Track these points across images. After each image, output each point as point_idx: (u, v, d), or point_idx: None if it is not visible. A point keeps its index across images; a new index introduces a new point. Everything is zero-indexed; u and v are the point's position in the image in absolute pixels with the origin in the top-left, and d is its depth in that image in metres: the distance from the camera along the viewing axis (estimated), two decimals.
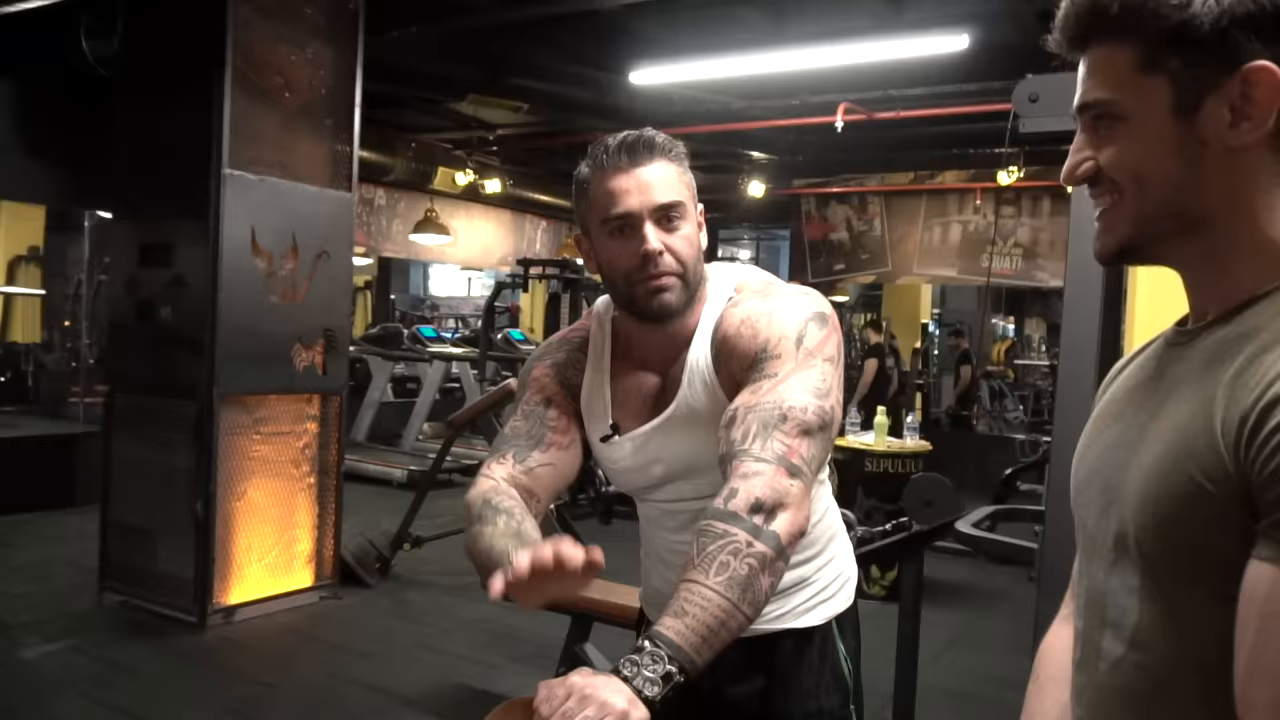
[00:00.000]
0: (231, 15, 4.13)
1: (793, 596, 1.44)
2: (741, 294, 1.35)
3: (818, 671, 1.45)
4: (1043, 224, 8.79)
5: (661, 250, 1.28)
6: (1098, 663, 0.85)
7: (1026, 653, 2.67)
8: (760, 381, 1.22)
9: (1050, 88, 2.70)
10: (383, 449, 8.87)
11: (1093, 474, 0.89)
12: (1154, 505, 0.76)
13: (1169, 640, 0.78)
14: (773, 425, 1.17)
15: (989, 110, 5.58)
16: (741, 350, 1.27)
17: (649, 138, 1.30)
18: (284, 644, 4.18)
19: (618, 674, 1.01)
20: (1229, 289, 0.80)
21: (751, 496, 1.12)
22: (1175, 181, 0.79)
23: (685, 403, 1.34)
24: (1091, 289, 2.47)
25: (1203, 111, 0.77)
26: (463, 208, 10.10)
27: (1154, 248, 0.84)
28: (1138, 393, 0.87)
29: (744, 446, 1.17)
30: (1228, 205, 0.79)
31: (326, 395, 4.70)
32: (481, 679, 3.82)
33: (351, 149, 4.69)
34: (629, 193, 1.28)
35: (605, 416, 1.41)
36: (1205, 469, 0.72)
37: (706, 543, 1.10)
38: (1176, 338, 0.86)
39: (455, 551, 5.55)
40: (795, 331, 1.26)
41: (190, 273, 4.29)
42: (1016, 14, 4.76)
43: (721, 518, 1.11)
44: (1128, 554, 0.80)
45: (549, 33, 5.71)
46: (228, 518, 4.28)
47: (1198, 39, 0.76)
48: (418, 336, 9.47)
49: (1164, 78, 0.78)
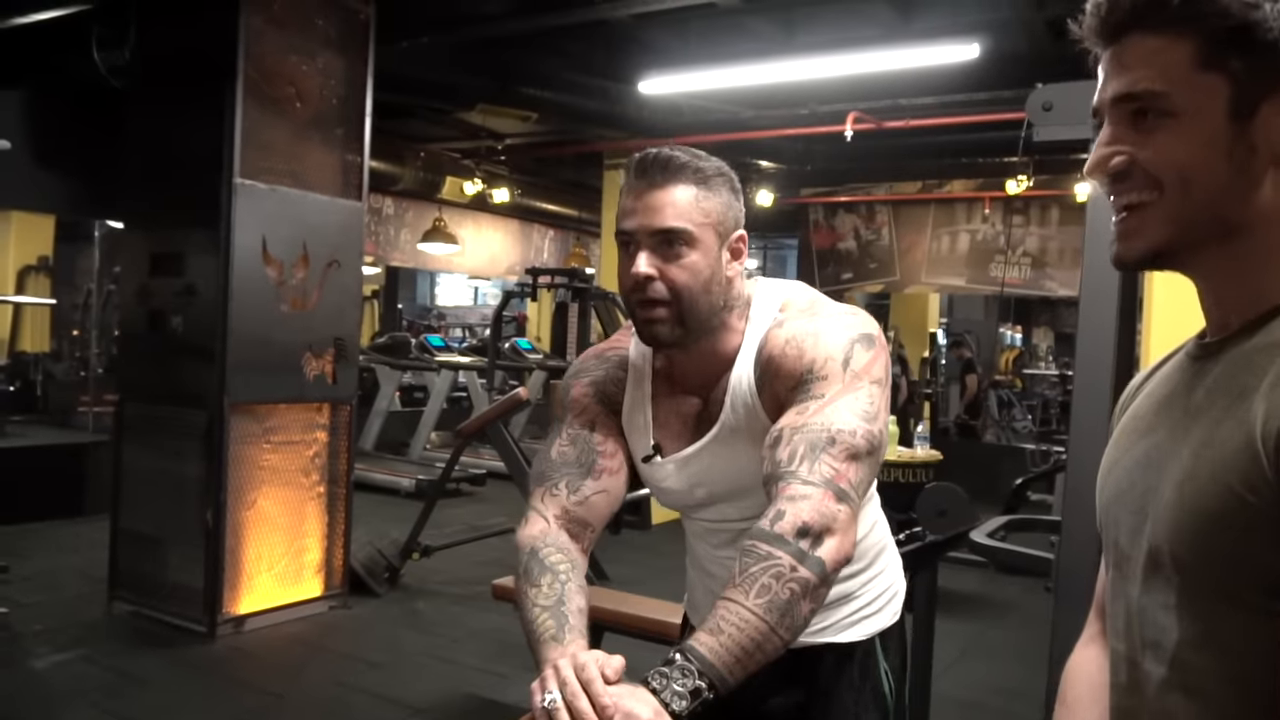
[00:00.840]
0: (243, 26, 4.15)
1: (836, 610, 1.41)
2: (786, 312, 1.32)
3: (858, 689, 1.42)
4: (1051, 233, 8.77)
5: (651, 276, 1.24)
6: (1145, 685, 0.83)
7: (1039, 664, 2.66)
8: (807, 403, 1.20)
9: (1064, 96, 2.69)
10: (390, 458, 8.87)
11: (1122, 492, 0.87)
12: (1191, 519, 0.75)
13: (1209, 658, 0.76)
14: (821, 448, 1.15)
15: (998, 119, 5.57)
16: (786, 370, 1.24)
17: (666, 158, 1.26)
18: (293, 654, 4.17)
19: (646, 685, 1.01)
20: (1252, 299, 0.79)
21: (799, 520, 1.10)
22: (1222, 185, 0.77)
23: (728, 426, 1.31)
24: (1108, 298, 2.46)
25: (1258, 117, 0.75)
26: (470, 217, 10.12)
27: (1188, 253, 0.81)
28: (1164, 407, 0.86)
29: (791, 468, 1.14)
30: (1269, 214, 0.77)
31: (336, 404, 4.70)
32: (491, 689, 3.81)
33: (362, 158, 4.70)
34: (634, 212, 1.26)
35: (647, 436, 1.38)
36: (1245, 479, 0.71)
37: (750, 563, 1.09)
38: (1199, 350, 0.85)
39: (464, 561, 5.54)
40: (842, 353, 1.23)
41: (201, 282, 4.29)
42: (1026, 23, 4.76)
43: (766, 539, 1.10)
44: (1162, 571, 0.79)
45: (558, 42, 5.73)
46: (237, 527, 4.28)
47: (1264, 42, 0.74)
48: (425, 346, 9.48)
49: (1224, 77, 0.75)
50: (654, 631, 3.16)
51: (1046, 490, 7.67)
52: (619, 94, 6.07)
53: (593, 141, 7.43)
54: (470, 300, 20.54)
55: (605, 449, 1.37)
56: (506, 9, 5.06)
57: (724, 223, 1.28)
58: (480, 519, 6.76)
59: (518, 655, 4.15)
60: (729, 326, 1.32)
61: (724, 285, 1.29)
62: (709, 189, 1.27)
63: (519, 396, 5.46)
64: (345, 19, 4.60)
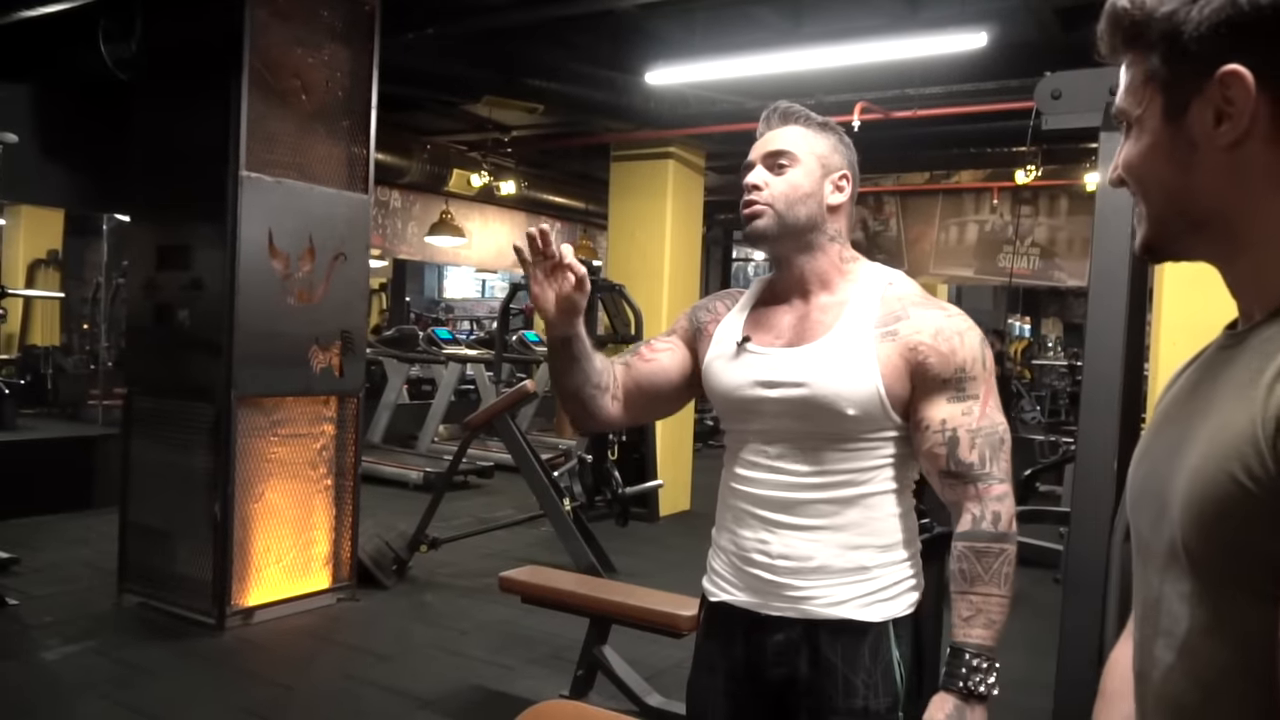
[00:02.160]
0: (248, 18, 4.14)
1: (852, 587, 1.46)
2: (897, 286, 1.51)
3: (869, 670, 1.45)
4: (1060, 223, 8.73)
5: (760, 185, 1.51)
6: (1153, 672, 0.84)
7: (1048, 655, 2.65)
8: (967, 402, 1.44)
9: (1073, 85, 2.68)
10: (398, 451, 8.89)
11: (1146, 480, 0.89)
12: (1199, 506, 0.75)
13: (1218, 646, 0.77)
14: (996, 448, 1.44)
15: (1006, 109, 5.53)
16: (938, 361, 1.44)
17: (786, 108, 1.55)
18: (302, 646, 4.18)
19: (958, 691, 1.38)
20: (1269, 289, 0.80)
21: (1009, 516, 1.43)
22: (1170, 184, 0.83)
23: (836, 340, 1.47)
24: (1118, 289, 2.45)
25: (1189, 115, 0.80)
26: (477, 209, 10.11)
27: (1172, 246, 0.87)
28: (1189, 398, 0.87)
29: (986, 470, 1.43)
30: (1227, 205, 0.80)
31: (344, 397, 4.71)
32: (498, 681, 3.82)
33: (368, 151, 4.70)
34: (755, 150, 1.55)
35: (738, 332, 1.56)
36: (1247, 467, 0.71)
37: (990, 562, 1.41)
38: (1227, 341, 0.86)
39: (472, 554, 5.56)
40: (982, 354, 1.46)
41: (208, 275, 4.30)
42: (1035, 11, 4.72)
43: (996, 539, 1.42)
44: (1178, 560, 0.79)
45: (564, 34, 5.71)
46: (246, 519, 4.29)
47: (1182, 46, 0.79)
48: (433, 338, 9.49)
49: (1157, 84, 0.82)
50: (662, 624, 3.16)
51: (1055, 482, 7.65)
52: (625, 85, 6.04)
53: (599, 133, 7.41)
54: (478, 293, 20.56)
55: (655, 346, 1.65)
56: (511, 0, 5.04)
57: (828, 157, 1.53)
58: (488, 511, 6.78)
59: (525, 647, 4.16)
60: (831, 255, 1.53)
61: (823, 208, 1.52)
62: (816, 131, 1.54)
63: (526, 389, 5.46)
64: (350, 11, 4.59)
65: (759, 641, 1.50)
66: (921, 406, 1.44)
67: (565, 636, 3.94)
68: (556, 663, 3.88)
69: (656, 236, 7.31)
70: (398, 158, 7.92)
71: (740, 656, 1.53)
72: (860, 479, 1.46)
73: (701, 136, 7.13)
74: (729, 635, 1.55)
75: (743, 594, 1.53)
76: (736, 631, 1.53)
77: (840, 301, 1.51)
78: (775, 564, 1.48)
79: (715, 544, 1.61)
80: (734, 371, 1.53)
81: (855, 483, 1.46)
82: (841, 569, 1.45)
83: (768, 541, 1.49)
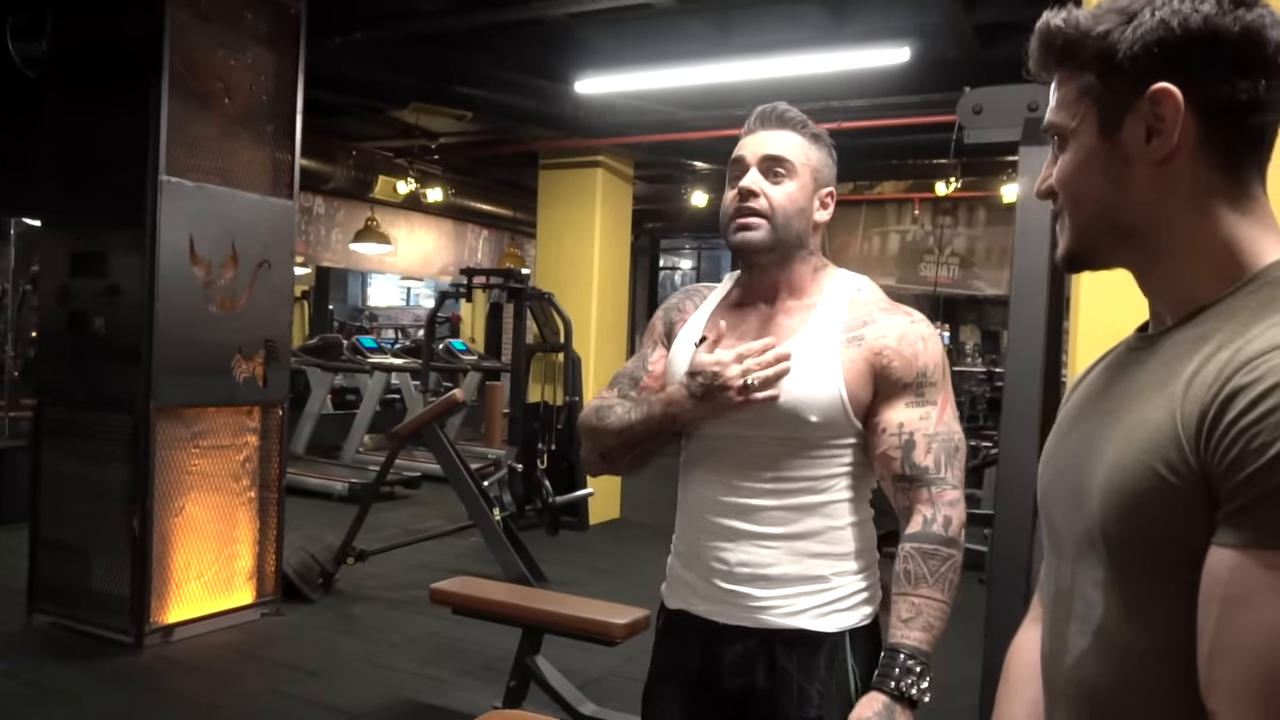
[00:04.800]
0: (168, 18, 4.03)
1: (809, 597, 1.45)
2: (864, 292, 1.52)
3: (823, 681, 1.44)
4: (979, 233, 8.99)
5: (757, 192, 1.46)
6: (1064, 657, 0.88)
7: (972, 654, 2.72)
8: (925, 406, 1.44)
9: (994, 100, 2.76)
10: (323, 461, 8.72)
11: (1059, 475, 0.93)
12: (1119, 498, 0.79)
13: (1133, 630, 0.81)
14: (952, 454, 1.44)
15: (928, 122, 5.68)
16: (900, 364, 1.44)
17: (783, 110, 1.50)
18: (225, 663, 4.07)
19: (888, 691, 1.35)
20: (1183, 297, 0.85)
21: (959, 521, 1.42)
22: (1102, 197, 0.86)
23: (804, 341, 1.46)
24: (1037, 298, 2.53)
25: (1123, 131, 0.84)
26: (403, 217, 9.99)
27: (1096, 256, 0.91)
28: (1101, 396, 0.91)
29: (940, 474, 1.42)
30: (1154, 217, 0.85)
31: (268, 407, 4.61)
32: (430, 694, 3.77)
33: (293, 156, 4.61)
34: (750, 145, 1.49)
35: (698, 332, 1.56)
36: (1168, 462, 0.76)
37: (936, 565, 1.39)
38: (1138, 343, 0.90)
39: (400, 565, 5.47)
40: (942, 362, 1.47)
41: (125, 282, 4.17)
42: (955, 28, 4.86)
43: (944, 542, 1.40)
44: (1094, 548, 0.83)
45: (494, 41, 5.68)
46: (165, 534, 4.16)
47: (1115, 64, 0.83)
48: (358, 347, 9.34)
49: (1091, 100, 0.85)
50: (596, 633, 3.16)
51: (975, 485, 7.85)
52: (555, 93, 6.04)
53: (528, 141, 7.38)
54: (402, 301, 20.28)
55: (655, 365, 1.61)
56: (441, 6, 5.00)
57: (820, 172, 1.51)
58: (415, 522, 6.68)
59: (456, 659, 4.12)
60: (807, 266, 1.52)
61: (810, 224, 1.51)
62: (813, 142, 1.51)
63: (455, 398, 5.41)
64: (275, 14, 4.51)
65: (716, 650, 1.49)
66: (880, 410, 1.44)
67: (497, 647, 3.90)
68: (489, 674, 3.85)
69: (585, 245, 7.31)
70: (322, 163, 7.78)
71: (697, 665, 1.51)
72: (819, 486, 1.45)
73: (630, 145, 7.16)
74: (686, 644, 1.53)
75: (700, 602, 1.51)
76: (693, 640, 1.52)
77: (808, 306, 1.51)
78: (734, 572, 1.47)
79: (674, 550, 1.60)
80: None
81: (814, 490, 1.45)
82: (799, 577, 1.44)
83: (726, 549, 1.47)
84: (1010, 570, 2.53)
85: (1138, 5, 0.82)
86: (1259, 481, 0.69)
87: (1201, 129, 0.81)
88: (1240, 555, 0.70)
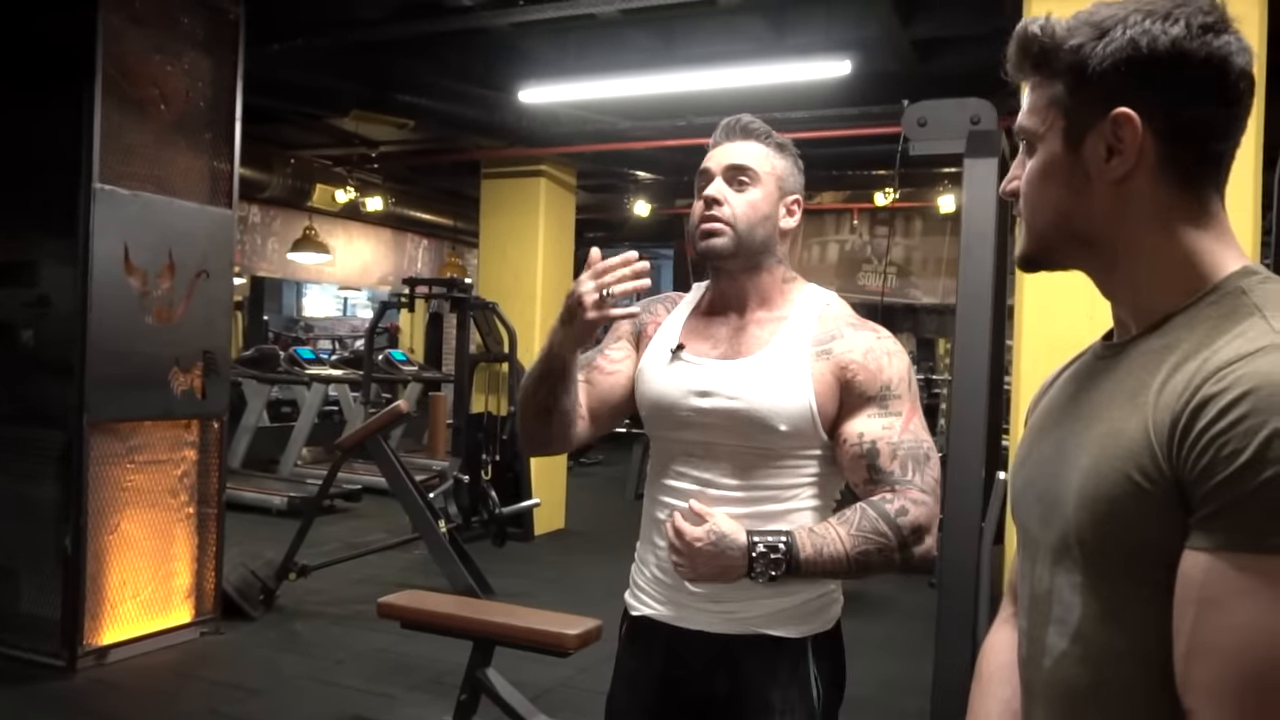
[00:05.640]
0: (101, 22, 3.92)
1: (773, 602, 1.46)
2: (833, 307, 1.55)
3: (785, 686, 1.46)
4: (916, 243, 9.16)
5: (721, 200, 1.49)
6: (1043, 659, 0.89)
7: (922, 657, 2.76)
8: (889, 417, 1.45)
9: (938, 113, 2.83)
10: (259, 475, 8.53)
11: (1031, 482, 0.95)
12: (1093, 504, 0.81)
13: (1110, 633, 0.83)
14: (921, 461, 1.43)
15: (868, 134, 5.77)
16: (865, 378, 1.46)
17: (747, 122, 1.54)
18: (164, 684, 3.96)
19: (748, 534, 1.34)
20: (1146, 306, 0.87)
21: (918, 521, 1.39)
22: (1063, 206, 0.88)
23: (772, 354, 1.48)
24: (982, 307, 2.59)
25: (1085, 146, 0.86)
26: (341, 226, 9.85)
27: (1054, 259, 0.93)
28: (1071, 404, 0.93)
29: (909, 477, 1.41)
30: (1113, 228, 0.87)
31: (206, 420, 4.50)
32: (379, 710, 3.71)
33: (232, 164, 4.52)
34: (716, 155, 1.54)
35: (674, 339, 1.56)
36: (1141, 468, 0.78)
37: (866, 527, 1.37)
38: (1105, 351, 0.93)
39: (343, 580, 5.38)
40: (908, 375, 1.48)
41: (56, 293, 4.04)
42: (895, 43, 4.95)
43: (890, 524, 1.38)
44: (1070, 553, 0.85)
45: (436, 50, 5.64)
46: (99, 553, 4.03)
47: (1085, 78, 0.85)
48: (296, 358, 9.18)
49: (1059, 111, 0.87)
50: (545, 643, 3.14)
51: None
52: (497, 102, 6.01)
53: (470, 150, 7.33)
54: (339, 311, 19.96)
55: (609, 356, 1.61)
56: (383, 14, 4.94)
57: (784, 180, 1.54)
58: (358, 536, 6.58)
59: (404, 674, 4.06)
60: (775, 276, 1.55)
61: (775, 231, 1.53)
62: (777, 151, 1.55)
63: (400, 409, 5.34)
64: (212, 18, 4.42)
65: (680, 656, 1.50)
66: (844, 421, 1.46)
67: (445, 661, 3.86)
68: (438, 688, 3.80)
69: (529, 255, 7.28)
70: (258, 172, 7.63)
71: (661, 671, 1.52)
72: (785, 495, 1.47)
73: (574, 155, 7.16)
74: (650, 649, 1.54)
75: (664, 607, 1.52)
76: (657, 645, 1.53)
77: (779, 318, 1.52)
78: None
79: (638, 557, 1.60)
80: (667, 380, 1.53)
81: (780, 498, 1.47)
82: (761, 590, 1.43)
83: None
84: (960, 575, 2.58)
85: (1112, 21, 0.84)
86: (1230, 487, 0.71)
87: (1162, 150, 0.84)
88: (1213, 558, 0.72)
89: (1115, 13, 0.85)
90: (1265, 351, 0.74)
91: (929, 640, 2.72)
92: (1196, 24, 0.82)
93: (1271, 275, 0.84)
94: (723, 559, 1.31)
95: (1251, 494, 0.70)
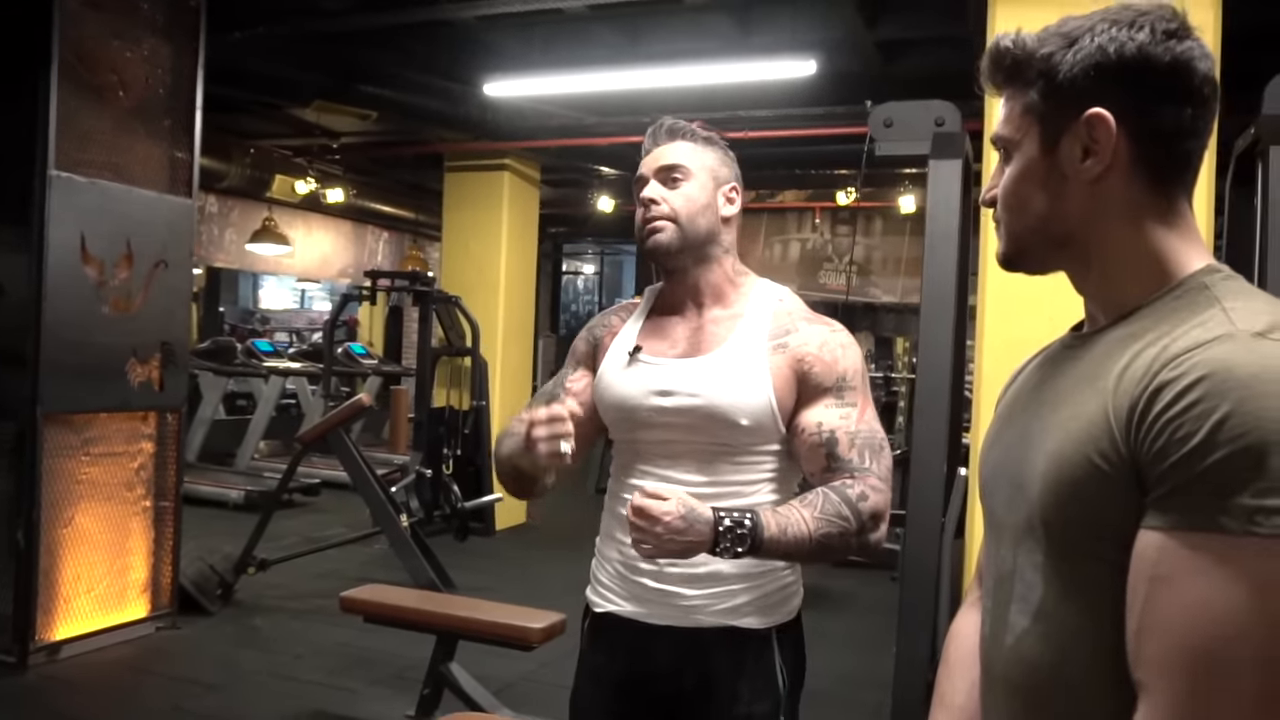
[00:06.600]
0: (58, 6, 3.85)
1: (737, 595, 1.49)
2: (787, 302, 1.57)
3: (751, 676, 1.48)
4: (876, 242, 9.26)
5: (657, 200, 1.53)
6: (1005, 636, 0.93)
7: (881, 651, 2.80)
8: (845, 408, 1.48)
9: (903, 114, 2.87)
10: (216, 469, 8.41)
11: (999, 467, 0.98)
12: (1056, 486, 0.85)
13: (1070, 612, 0.86)
14: (877, 451, 1.46)
15: (831, 133, 5.83)
16: (821, 370, 1.49)
17: (670, 124, 1.58)
18: (119, 680, 3.90)
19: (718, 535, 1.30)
20: (1115, 300, 0.91)
21: (877, 507, 1.42)
22: (1040, 209, 0.92)
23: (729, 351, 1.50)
24: (946, 306, 2.63)
25: (1061, 149, 0.90)
26: (301, 217, 9.73)
27: (1033, 260, 0.97)
28: (1037, 391, 0.97)
29: (867, 465, 1.44)
30: (1088, 228, 0.91)
31: (164, 412, 4.43)
32: (340, 705, 3.68)
33: (192, 153, 4.46)
34: (647, 162, 1.58)
35: (631, 342, 1.58)
36: (1101, 451, 0.81)
37: (829, 509, 1.38)
38: (1073, 341, 0.97)
39: (302, 574, 5.33)
40: (861, 368, 1.52)
41: (10, 282, 3.96)
42: (859, 44, 5.01)
43: (852, 509, 1.39)
44: (1034, 534, 0.89)
45: (401, 41, 5.60)
46: (52, 547, 3.96)
47: (1057, 85, 0.89)
48: (253, 351, 9.06)
49: (1034, 118, 0.91)
50: (509, 637, 3.15)
51: None
52: (462, 96, 5.99)
53: (433, 143, 7.28)
54: (296, 304, 19.72)
55: (574, 382, 1.65)
56: (347, 4, 4.90)
57: (717, 171, 1.57)
58: (317, 530, 6.52)
59: (365, 669, 4.03)
60: (725, 268, 1.57)
61: (717, 219, 1.56)
62: (705, 145, 1.58)
63: (361, 402, 5.31)
64: (173, 5, 4.35)
65: (646, 651, 1.51)
66: (803, 413, 1.48)
67: (406, 656, 3.85)
68: (400, 683, 3.79)
69: (492, 248, 7.26)
70: (217, 161, 7.51)
71: (626, 666, 1.54)
72: (747, 490, 1.49)
73: (538, 150, 7.14)
74: (614, 645, 1.55)
75: (629, 604, 1.53)
76: (622, 641, 1.54)
77: (734, 315, 1.54)
78: (663, 572, 1.48)
79: (599, 554, 1.61)
80: (627, 381, 1.54)
81: (743, 494, 1.48)
82: (728, 576, 1.47)
83: None
84: (921, 569, 2.62)
85: (1080, 31, 0.88)
86: (1183, 469, 0.75)
87: (1133, 151, 0.88)
88: (1165, 537, 0.76)
89: (1083, 23, 0.89)
90: (1221, 340, 0.78)
91: (889, 634, 2.76)
92: (1160, 30, 0.86)
93: (1234, 273, 0.88)
94: (690, 533, 1.28)
95: (1201, 475, 0.74)
